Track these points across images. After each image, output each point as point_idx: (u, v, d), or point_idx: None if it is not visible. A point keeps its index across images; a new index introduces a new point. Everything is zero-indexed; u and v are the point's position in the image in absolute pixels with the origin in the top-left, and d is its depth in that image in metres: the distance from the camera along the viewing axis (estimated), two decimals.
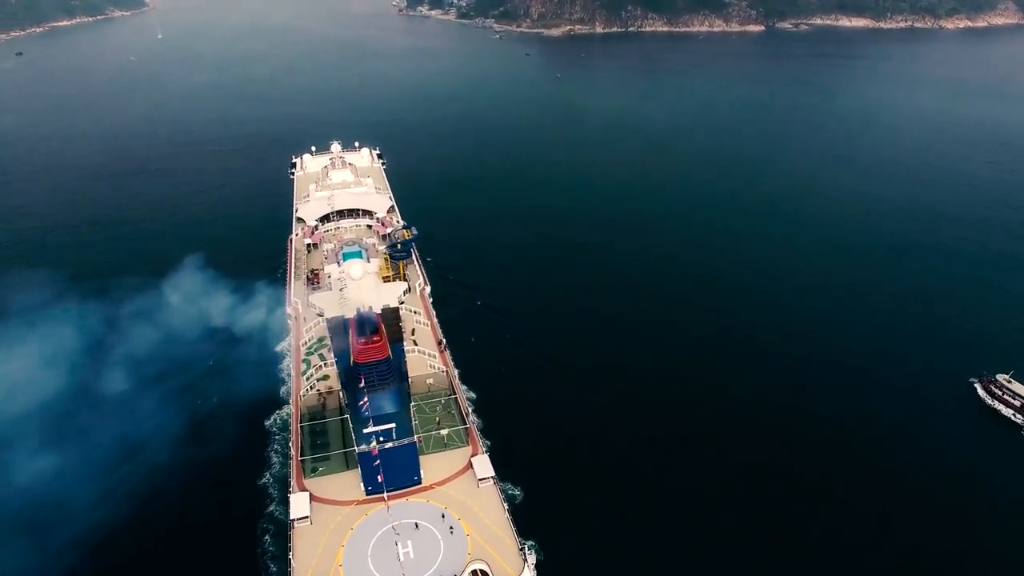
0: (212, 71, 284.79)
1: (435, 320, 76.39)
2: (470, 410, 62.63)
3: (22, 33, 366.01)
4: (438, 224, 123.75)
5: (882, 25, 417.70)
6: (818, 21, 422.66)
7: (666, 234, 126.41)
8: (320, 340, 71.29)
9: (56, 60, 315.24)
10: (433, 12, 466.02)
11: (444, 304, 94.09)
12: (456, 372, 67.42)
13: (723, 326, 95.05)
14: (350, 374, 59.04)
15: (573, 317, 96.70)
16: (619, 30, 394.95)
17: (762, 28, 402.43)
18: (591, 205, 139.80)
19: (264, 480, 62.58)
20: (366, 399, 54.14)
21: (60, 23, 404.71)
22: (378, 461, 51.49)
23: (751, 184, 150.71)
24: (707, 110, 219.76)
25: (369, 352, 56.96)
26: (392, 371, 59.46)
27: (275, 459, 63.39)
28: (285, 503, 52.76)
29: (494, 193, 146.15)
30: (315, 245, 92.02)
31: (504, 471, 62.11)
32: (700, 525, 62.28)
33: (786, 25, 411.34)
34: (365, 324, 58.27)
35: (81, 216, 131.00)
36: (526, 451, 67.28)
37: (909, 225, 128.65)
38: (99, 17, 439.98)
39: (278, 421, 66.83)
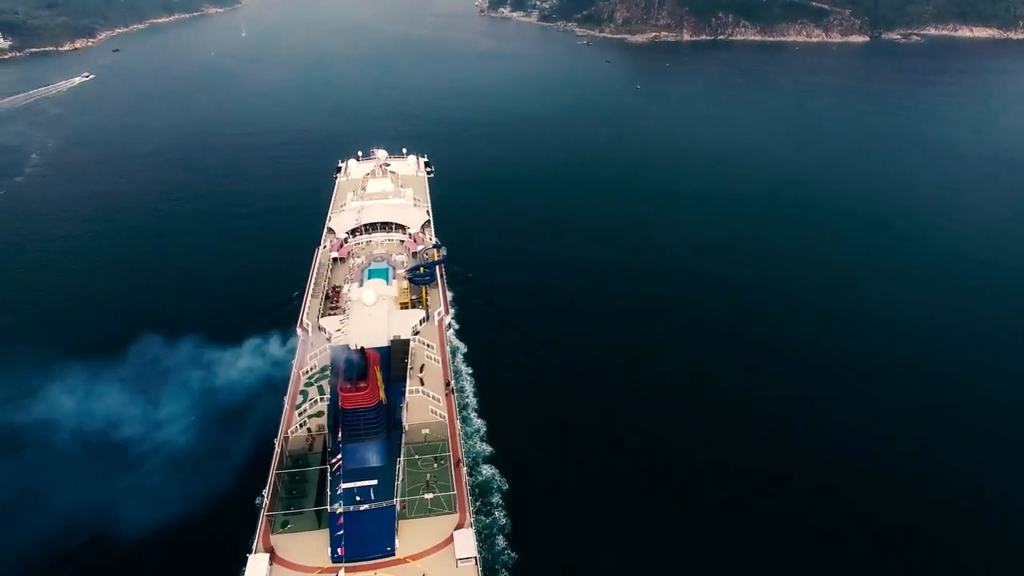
0: (284, 69, 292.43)
1: (448, 355, 69.86)
2: (465, 471, 55.31)
3: (125, 29, 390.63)
4: (482, 237, 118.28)
5: (1011, 35, 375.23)
6: (931, 31, 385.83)
7: (756, 273, 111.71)
8: (323, 370, 66.28)
9: (145, 56, 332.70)
10: (515, 14, 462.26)
11: (478, 327, 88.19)
12: (459, 422, 60.60)
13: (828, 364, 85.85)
14: (338, 418, 53.50)
15: (636, 372, 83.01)
16: (707, 38, 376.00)
17: (866, 39, 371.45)
18: (663, 236, 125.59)
19: None
20: (339, 456, 48.19)
21: (159, 20, 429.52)
22: (341, 532, 45.56)
23: (851, 219, 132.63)
24: (801, 134, 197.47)
25: (355, 399, 51.16)
26: (381, 419, 53.41)
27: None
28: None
29: (549, 213, 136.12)
30: (342, 259, 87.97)
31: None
32: None
33: (894, 36, 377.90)
34: (352, 367, 52.27)
35: (112, 224, 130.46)
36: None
37: None
38: (195, 14, 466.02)
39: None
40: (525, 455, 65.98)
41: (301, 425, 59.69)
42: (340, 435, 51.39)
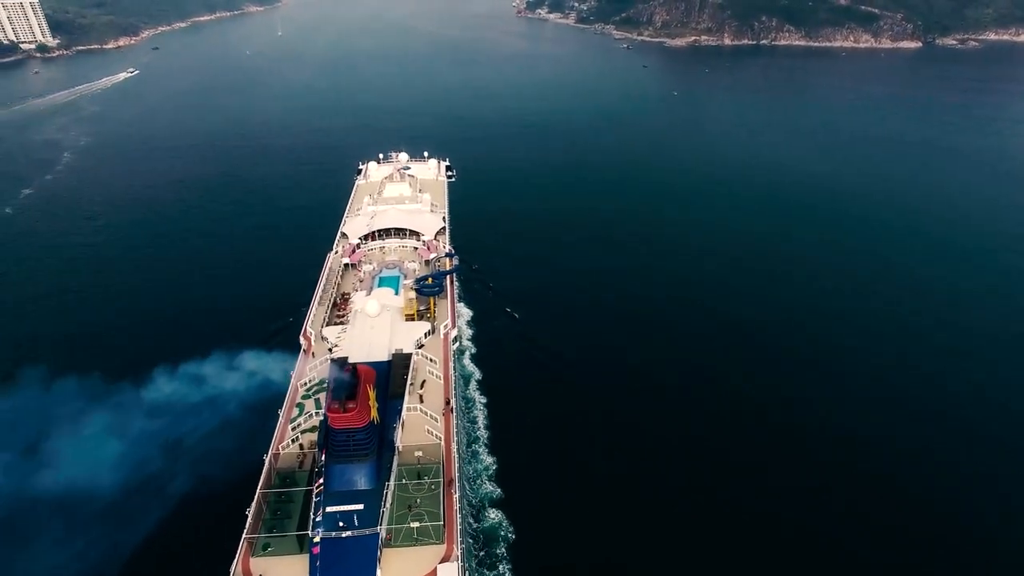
0: (315, 68, 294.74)
1: (451, 371, 66.96)
2: (457, 496, 52.41)
3: (168, 28, 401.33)
4: (503, 244, 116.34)
5: None
6: (991, 36, 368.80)
7: (776, 277, 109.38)
8: (322, 382, 64.07)
9: (183, 55, 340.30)
10: (552, 15, 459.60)
11: (495, 348, 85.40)
12: (455, 445, 57.64)
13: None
14: (327, 436, 51.19)
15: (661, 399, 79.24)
16: (750, 43, 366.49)
17: (919, 45, 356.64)
18: (688, 242, 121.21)
19: None
20: (320, 481, 45.83)
21: (201, 18, 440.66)
22: (319, 561, 43.18)
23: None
24: (852, 151, 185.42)
25: (342, 419, 48.72)
26: (372, 439, 50.78)
27: None
28: None
29: (574, 220, 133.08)
30: (354, 265, 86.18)
31: None
32: None
33: (950, 42, 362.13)
34: (341, 386, 49.83)
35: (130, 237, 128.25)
36: None
37: None
38: (236, 13, 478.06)
39: None
40: (537, 500, 61.38)
41: (294, 440, 57.57)
42: (325, 455, 49.06)
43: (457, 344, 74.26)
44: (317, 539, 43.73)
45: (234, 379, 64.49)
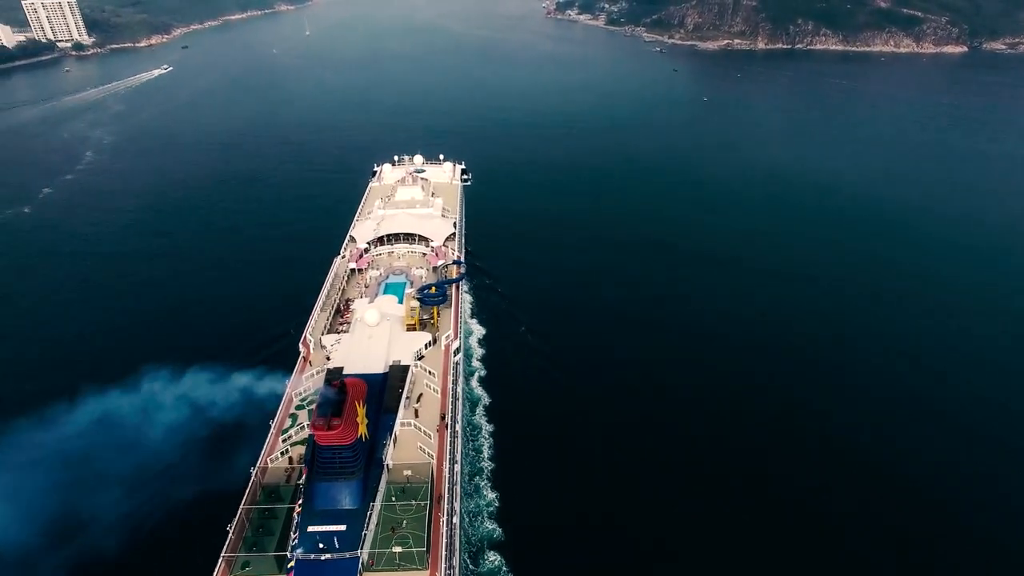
0: (340, 68, 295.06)
1: (450, 386, 64.69)
2: (444, 522, 50.07)
3: (199, 26, 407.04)
4: (517, 251, 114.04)
5: None
6: None
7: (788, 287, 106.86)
8: (318, 392, 62.56)
9: (212, 54, 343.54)
10: (582, 17, 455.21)
11: (508, 368, 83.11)
12: (448, 464, 55.34)
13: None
14: (313, 452, 49.42)
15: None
16: (784, 47, 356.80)
17: (964, 50, 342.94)
18: (712, 266, 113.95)
19: None
20: (299, 502, 44.03)
21: (232, 17, 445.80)
22: None
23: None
24: (857, 152, 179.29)
25: (327, 437, 46.84)
26: (359, 457, 48.85)
27: None
28: None
29: (591, 224, 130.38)
30: (360, 270, 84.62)
31: None
32: None
33: (998, 46, 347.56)
34: (326, 403, 47.93)
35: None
36: None
37: None
38: (267, 11, 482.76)
39: None
40: (542, 544, 57.94)
41: (283, 453, 55.92)
42: (308, 472, 47.29)
43: (459, 356, 71.86)
44: (292, 563, 41.92)
45: (229, 387, 63.18)
